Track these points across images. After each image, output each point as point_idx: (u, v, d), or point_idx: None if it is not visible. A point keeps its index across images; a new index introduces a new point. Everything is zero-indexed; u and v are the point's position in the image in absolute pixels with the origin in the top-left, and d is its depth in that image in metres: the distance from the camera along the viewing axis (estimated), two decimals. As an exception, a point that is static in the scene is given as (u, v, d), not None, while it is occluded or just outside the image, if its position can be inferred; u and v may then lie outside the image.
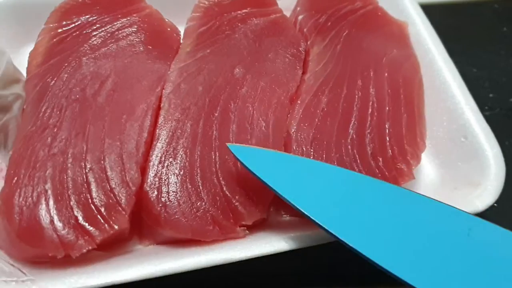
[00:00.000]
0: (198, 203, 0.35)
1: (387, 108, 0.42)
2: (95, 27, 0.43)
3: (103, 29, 0.43)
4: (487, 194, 0.39)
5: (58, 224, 0.33)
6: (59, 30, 0.43)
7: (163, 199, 0.35)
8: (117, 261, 0.35)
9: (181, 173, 0.36)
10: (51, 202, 0.34)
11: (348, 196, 0.34)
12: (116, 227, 0.34)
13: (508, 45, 0.61)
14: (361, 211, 0.33)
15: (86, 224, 0.33)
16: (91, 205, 0.34)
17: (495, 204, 0.39)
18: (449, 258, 0.32)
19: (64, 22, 0.43)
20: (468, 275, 0.31)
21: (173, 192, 0.35)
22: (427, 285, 0.31)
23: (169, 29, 0.45)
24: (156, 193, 0.35)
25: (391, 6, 0.52)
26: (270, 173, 0.34)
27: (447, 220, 0.34)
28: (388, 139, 0.41)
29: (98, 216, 0.34)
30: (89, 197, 0.34)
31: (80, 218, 0.34)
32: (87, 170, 0.35)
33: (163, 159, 0.37)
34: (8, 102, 0.40)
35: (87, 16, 0.44)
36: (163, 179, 0.36)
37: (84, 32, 0.43)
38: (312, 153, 0.39)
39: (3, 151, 0.39)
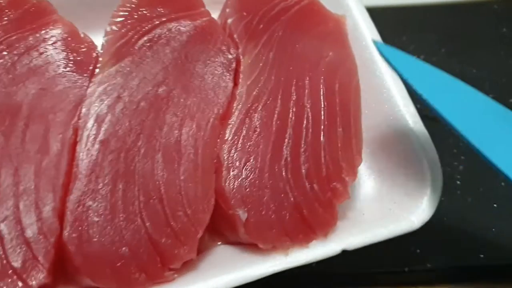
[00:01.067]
0: (122, 250, 0.33)
1: (322, 121, 0.40)
2: None
3: (9, 50, 0.39)
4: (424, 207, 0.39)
5: (-31, 289, 0.31)
6: (-40, 56, 0.39)
7: (83, 249, 0.33)
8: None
9: (102, 217, 0.34)
10: (-40, 265, 0.32)
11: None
12: (34, 284, 0.32)
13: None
14: None
15: (1, 284, 0.32)
16: (5, 262, 0.32)
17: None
18: None
19: (-34, 46, 0.39)
20: None
21: (94, 240, 0.33)
22: None
23: (85, 45, 0.41)
24: (75, 242, 0.33)
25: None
26: (421, 82, 0.34)
27: None
28: (323, 156, 0.39)
29: (14, 276, 0.32)
30: (2, 253, 0.32)
31: (-7, 278, 0.32)
32: (-1, 223, 0.33)
33: (81, 202, 0.34)
34: None
35: (-10, 36, 0.40)
36: (82, 226, 0.34)
37: (-12, 56, 0.39)
38: (244, 180, 0.37)
39: None
